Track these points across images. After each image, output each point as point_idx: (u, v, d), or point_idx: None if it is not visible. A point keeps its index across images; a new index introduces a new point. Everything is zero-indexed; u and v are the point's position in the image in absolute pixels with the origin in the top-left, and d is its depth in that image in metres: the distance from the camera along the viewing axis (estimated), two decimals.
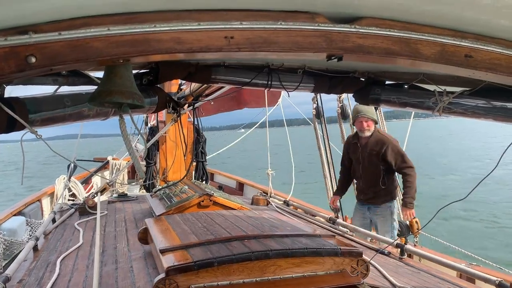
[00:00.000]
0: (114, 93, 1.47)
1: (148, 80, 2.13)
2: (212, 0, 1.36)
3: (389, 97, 2.32)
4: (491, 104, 2.08)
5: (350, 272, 2.27)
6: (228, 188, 8.32)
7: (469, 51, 1.57)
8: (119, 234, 3.74)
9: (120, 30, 1.31)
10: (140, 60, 1.57)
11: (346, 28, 1.46)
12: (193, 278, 2.03)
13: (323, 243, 2.39)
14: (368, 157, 4.97)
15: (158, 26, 1.33)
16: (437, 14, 1.45)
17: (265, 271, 2.15)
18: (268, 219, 3.24)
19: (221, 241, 2.39)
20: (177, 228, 2.79)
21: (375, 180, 4.99)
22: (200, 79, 2.32)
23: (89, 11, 1.28)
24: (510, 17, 1.42)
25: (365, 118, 4.87)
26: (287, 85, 2.39)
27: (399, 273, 2.88)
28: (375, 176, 4.99)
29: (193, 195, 4.02)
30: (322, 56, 1.53)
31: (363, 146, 5.01)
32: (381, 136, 5.01)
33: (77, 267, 2.88)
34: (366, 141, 4.99)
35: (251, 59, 2.22)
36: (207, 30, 1.37)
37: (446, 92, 2.14)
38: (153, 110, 2.27)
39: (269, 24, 1.40)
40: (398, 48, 1.51)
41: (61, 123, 1.80)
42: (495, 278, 2.65)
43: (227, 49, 1.38)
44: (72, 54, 1.28)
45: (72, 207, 5.04)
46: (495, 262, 4.40)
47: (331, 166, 5.72)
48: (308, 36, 1.45)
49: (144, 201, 5.32)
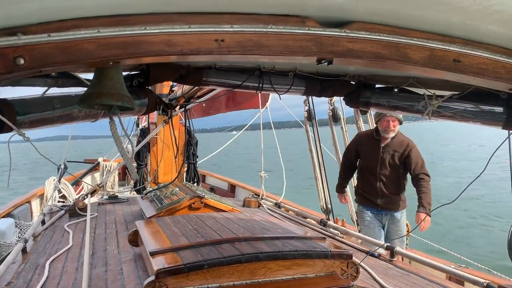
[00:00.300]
0: (104, 95, 1.47)
1: (139, 82, 2.12)
2: (203, 3, 1.36)
3: (379, 101, 2.34)
4: (479, 108, 2.10)
5: (340, 274, 2.28)
6: (219, 190, 8.31)
7: (457, 55, 1.59)
8: (109, 236, 3.72)
9: (110, 32, 1.30)
10: (131, 62, 1.56)
11: (336, 32, 1.47)
12: (183, 281, 2.03)
13: (313, 245, 2.40)
14: (391, 158, 4.66)
15: (149, 29, 1.32)
16: (426, 19, 1.46)
17: (255, 273, 2.15)
18: (259, 221, 3.24)
19: (212, 243, 2.39)
20: (168, 231, 2.78)
21: (396, 183, 4.72)
22: (191, 81, 2.31)
23: (79, 13, 1.28)
24: (498, 23, 1.44)
25: (393, 118, 4.55)
26: (278, 88, 2.40)
27: (389, 275, 2.90)
28: (396, 180, 4.71)
29: (184, 197, 4.01)
30: (313, 60, 1.54)
31: (385, 146, 4.69)
32: (404, 137, 4.75)
33: (66, 270, 2.86)
34: (389, 141, 4.69)
35: (242, 62, 2.23)
36: (197, 33, 1.37)
37: (436, 95, 2.16)
38: (143, 112, 2.26)
39: (259, 28, 1.41)
40: (387, 52, 1.52)
41: (50, 125, 1.78)
42: (483, 280, 2.68)
43: (217, 52, 1.38)
44: (61, 56, 1.28)
45: (62, 209, 5.00)
46: (484, 264, 4.44)
47: (323, 168, 5.70)
48: (299, 40, 1.46)
49: (134, 203, 5.29)
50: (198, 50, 1.37)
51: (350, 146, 5.10)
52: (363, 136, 5.06)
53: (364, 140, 4.94)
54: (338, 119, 5.55)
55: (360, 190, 4.94)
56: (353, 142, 5.06)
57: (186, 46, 1.36)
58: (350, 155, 5.04)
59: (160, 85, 6.07)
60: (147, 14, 1.34)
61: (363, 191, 4.88)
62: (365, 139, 4.93)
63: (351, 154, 5.03)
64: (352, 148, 5.03)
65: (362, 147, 4.89)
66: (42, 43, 1.26)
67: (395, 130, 4.62)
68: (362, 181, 4.92)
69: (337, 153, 5.61)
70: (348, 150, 5.13)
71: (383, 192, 4.69)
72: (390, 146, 4.68)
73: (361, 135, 5.14)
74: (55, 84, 1.80)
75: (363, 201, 4.89)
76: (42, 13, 1.25)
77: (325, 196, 5.20)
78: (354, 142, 5.04)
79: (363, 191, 4.88)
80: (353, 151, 5.00)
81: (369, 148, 4.78)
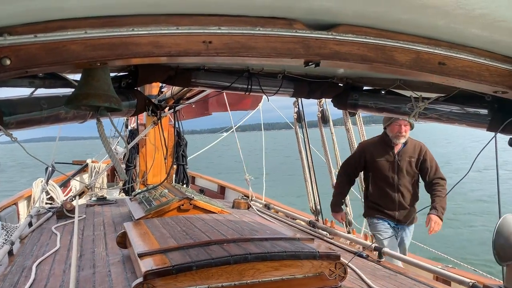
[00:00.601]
0: (91, 96, 1.46)
1: (127, 83, 2.11)
2: (190, 5, 1.36)
3: (366, 103, 2.36)
4: (465, 110, 2.13)
5: (328, 275, 2.29)
6: (209, 192, 8.29)
7: (442, 58, 1.62)
8: (98, 238, 3.70)
9: (98, 33, 1.30)
10: (118, 63, 1.56)
11: (323, 35, 1.48)
12: (171, 282, 2.03)
13: (301, 246, 2.41)
14: (408, 165, 4.24)
15: (136, 30, 1.32)
16: (411, 22, 1.48)
17: (244, 274, 2.16)
18: (248, 222, 3.25)
19: (200, 245, 2.39)
20: (156, 232, 2.77)
21: (414, 193, 4.30)
22: (180, 83, 2.31)
23: (65, 14, 1.27)
24: (481, 27, 1.46)
25: (405, 122, 4.14)
26: (267, 89, 2.41)
27: (377, 276, 2.92)
28: (413, 189, 4.29)
29: (173, 199, 4.01)
30: (300, 62, 1.55)
31: (400, 153, 4.25)
32: (415, 141, 4.36)
33: (54, 272, 2.83)
34: (401, 147, 4.27)
35: (231, 63, 2.23)
36: (185, 35, 1.37)
37: (422, 98, 2.19)
38: (132, 113, 2.25)
39: (247, 30, 1.42)
40: (374, 55, 1.54)
41: (37, 125, 1.77)
42: (469, 280, 2.72)
43: (205, 53, 1.39)
44: (48, 57, 1.27)
45: (49, 211, 4.96)
46: (470, 264, 4.49)
47: (312, 169, 5.71)
48: (286, 42, 1.47)
49: (123, 204, 5.26)
50: (186, 51, 1.38)
51: (355, 159, 4.48)
52: (369, 145, 4.49)
53: (372, 149, 4.39)
54: (327, 121, 5.51)
55: (375, 204, 4.34)
56: (359, 153, 4.46)
57: (174, 47, 1.37)
58: (354, 169, 4.49)
59: (149, 86, 6.04)
60: (135, 16, 1.34)
61: (379, 205, 4.31)
62: (374, 148, 4.39)
63: (355, 168, 4.48)
64: (358, 161, 4.44)
65: (373, 157, 4.33)
66: (28, 43, 1.25)
67: (407, 135, 4.22)
68: (378, 194, 4.33)
69: (326, 154, 5.63)
70: (351, 164, 4.50)
71: (401, 204, 4.24)
72: (405, 152, 4.27)
73: (366, 145, 4.56)
74: (42, 85, 1.78)
75: (378, 214, 4.32)
76: (28, 14, 1.24)
77: (314, 197, 5.20)
78: (360, 153, 4.44)
79: (379, 205, 4.31)
80: (358, 164, 4.43)
81: (382, 157, 4.29)
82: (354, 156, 4.55)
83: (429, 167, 4.24)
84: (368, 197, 4.46)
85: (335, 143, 5.39)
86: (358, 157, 4.46)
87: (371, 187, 4.39)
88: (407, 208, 4.24)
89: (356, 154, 4.53)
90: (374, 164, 4.31)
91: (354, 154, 4.58)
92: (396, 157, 4.24)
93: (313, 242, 2.59)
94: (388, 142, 4.30)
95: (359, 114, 5.03)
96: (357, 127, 5.22)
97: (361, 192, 4.76)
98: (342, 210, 4.49)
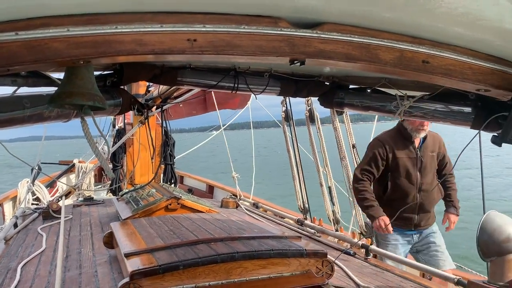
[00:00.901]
0: (74, 95, 1.45)
1: (112, 81, 2.10)
2: (175, 3, 1.36)
3: (352, 101, 2.37)
4: (449, 108, 2.16)
5: (315, 272, 2.30)
6: (198, 191, 8.27)
7: (426, 57, 1.63)
8: (84, 238, 3.66)
9: (81, 31, 1.29)
10: (102, 61, 1.55)
11: (308, 33, 1.49)
12: (158, 282, 2.02)
13: (289, 244, 2.42)
14: (431, 161, 3.88)
15: (120, 28, 1.31)
16: (395, 20, 1.50)
17: (231, 273, 2.16)
18: (236, 221, 3.25)
19: (187, 244, 2.38)
20: (143, 232, 2.76)
21: (436, 193, 3.92)
22: (166, 81, 2.30)
23: (48, 11, 1.26)
24: (463, 25, 1.48)
25: None
26: (254, 88, 2.41)
27: (364, 273, 2.95)
28: (435, 188, 3.91)
29: (161, 198, 3.99)
30: (285, 60, 1.56)
31: (421, 148, 3.85)
32: (433, 133, 3.97)
33: (39, 273, 2.80)
34: (421, 141, 3.87)
35: (217, 62, 2.23)
36: (170, 32, 1.36)
37: (407, 96, 2.21)
38: (117, 112, 2.23)
39: (232, 28, 1.41)
40: (358, 53, 1.55)
41: (20, 124, 1.74)
42: (454, 276, 2.76)
43: (190, 51, 1.38)
44: (30, 55, 1.25)
45: (35, 212, 4.89)
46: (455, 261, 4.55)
47: (300, 168, 5.72)
48: (271, 40, 1.47)
49: (110, 204, 5.22)
50: (171, 49, 1.37)
51: (380, 156, 3.88)
52: (388, 139, 3.95)
53: (392, 143, 3.88)
54: (315, 119, 5.51)
55: (391, 208, 3.74)
56: (381, 150, 3.88)
57: (158, 45, 1.36)
58: (378, 166, 3.90)
59: (136, 86, 6.01)
60: (119, 13, 1.33)
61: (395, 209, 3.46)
62: (394, 143, 3.89)
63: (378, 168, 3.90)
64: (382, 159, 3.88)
65: (394, 153, 3.84)
66: (9, 41, 1.23)
67: (427, 129, 3.81)
68: (396, 196, 3.85)
69: (314, 153, 5.64)
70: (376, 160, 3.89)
71: (422, 207, 3.81)
72: (426, 146, 3.87)
73: (385, 139, 3.97)
74: (25, 84, 1.76)
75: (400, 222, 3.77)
76: (9, 11, 1.22)
77: (302, 195, 5.21)
78: (383, 150, 3.88)
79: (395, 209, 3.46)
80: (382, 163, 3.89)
81: (403, 153, 3.83)
82: (375, 155, 3.91)
83: (447, 161, 3.98)
84: (382, 199, 3.87)
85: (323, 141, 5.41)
86: (381, 155, 3.87)
87: (391, 188, 3.87)
88: (428, 211, 3.85)
89: (377, 152, 3.90)
90: (395, 161, 3.83)
91: (374, 153, 3.92)
92: (418, 152, 3.83)
93: (300, 240, 2.60)
94: (407, 136, 3.85)
95: (346, 112, 5.02)
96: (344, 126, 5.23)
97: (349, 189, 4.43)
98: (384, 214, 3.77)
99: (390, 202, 3.84)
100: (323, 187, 5.20)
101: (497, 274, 2.07)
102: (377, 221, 3.73)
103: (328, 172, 4.84)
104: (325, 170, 4.97)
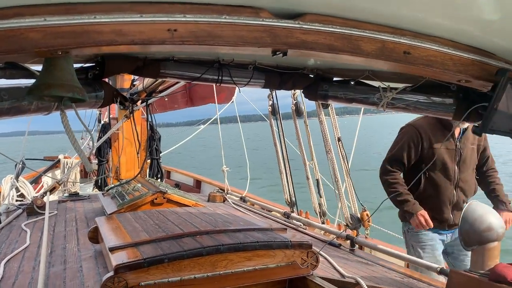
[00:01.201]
0: (53, 86, 1.42)
1: (94, 74, 2.06)
2: None
3: (336, 93, 2.38)
4: (431, 99, 2.18)
5: (300, 264, 2.32)
6: (185, 186, 8.25)
7: (407, 48, 1.64)
8: (69, 234, 3.64)
9: (58, 20, 1.26)
10: (82, 52, 1.52)
11: (290, 24, 1.48)
12: (143, 276, 2.01)
13: (274, 236, 2.43)
14: (471, 154, 3.49)
15: (98, 17, 1.29)
16: (376, 11, 1.50)
17: (216, 266, 2.16)
18: (222, 215, 3.25)
19: (173, 237, 2.38)
20: (128, 226, 2.75)
21: (474, 190, 3.57)
22: (148, 74, 2.27)
23: (22, 1, 1.23)
24: (443, 16, 1.49)
25: None
26: (238, 80, 2.39)
27: (349, 264, 2.97)
28: (474, 184, 3.56)
29: (146, 193, 3.97)
30: (268, 51, 1.55)
31: (462, 139, 3.45)
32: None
33: (23, 269, 2.77)
34: (461, 132, 3.46)
35: (200, 53, 2.21)
36: (149, 23, 1.34)
37: (390, 88, 2.23)
38: (99, 105, 2.19)
39: (213, 18, 1.40)
40: (340, 44, 1.55)
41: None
42: (436, 265, 2.81)
43: (170, 41, 1.37)
44: (5, 45, 1.22)
45: (19, 208, 4.85)
46: None
47: (287, 162, 5.73)
48: (253, 30, 1.46)
49: (96, 200, 5.19)
50: (150, 39, 1.35)
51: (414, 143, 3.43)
52: (425, 126, 3.47)
53: (429, 131, 3.44)
54: (301, 113, 5.52)
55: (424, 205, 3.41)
56: (416, 138, 3.43)
57: (137, 35, 1.34)
58: (410, 156, 3.47)
59: (121, 79, 5.95)
60: (97, 3, 1.31)
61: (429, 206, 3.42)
62: (431, 130, 3.44)
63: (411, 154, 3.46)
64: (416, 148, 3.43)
65: (431, 143, 3.41)
66: None
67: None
68: (430, 191, 3.46)
69: (301, 146, 5.66)
70: (409, 148, 3.45)
71: (458, 204, 3.44)
72: (467, 138, 3.46)
73: (421, 125, 3.48)
74: (3, 76, 1.72)
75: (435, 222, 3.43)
76: None
77: (289, 189, 5.23)
78: (418, 138, 3.43)
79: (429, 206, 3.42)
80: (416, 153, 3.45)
81: (441, 144, 3.40)
82: (407, 142, 3.46)
83: (489, 155, 3.63)
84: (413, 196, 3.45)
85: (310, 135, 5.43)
86: (415, 143, 3.42)
87: (425, 182, 3.45)
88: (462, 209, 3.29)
89: (411, 139, 3.45)
90: (432, 152, 3.40)
91: (407, 141, 3.47)
92: (458, 144, 3.43)
93: (286, 232, 2.62)
94: (446, 125, 3.41)
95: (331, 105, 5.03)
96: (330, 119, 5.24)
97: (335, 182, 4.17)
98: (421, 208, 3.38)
99: (422, 199, 3.43)
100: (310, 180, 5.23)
101: (478, 262, 2.11)
102: (416, 217, 3.32)
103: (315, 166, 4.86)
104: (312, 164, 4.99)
